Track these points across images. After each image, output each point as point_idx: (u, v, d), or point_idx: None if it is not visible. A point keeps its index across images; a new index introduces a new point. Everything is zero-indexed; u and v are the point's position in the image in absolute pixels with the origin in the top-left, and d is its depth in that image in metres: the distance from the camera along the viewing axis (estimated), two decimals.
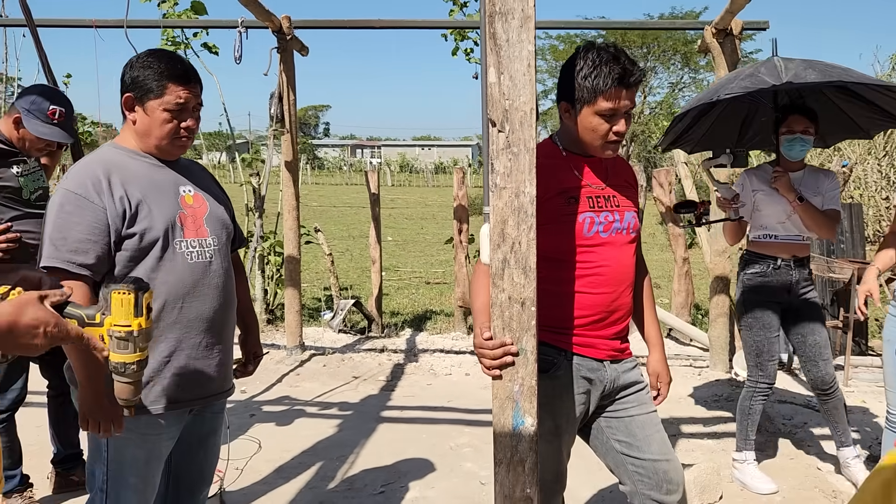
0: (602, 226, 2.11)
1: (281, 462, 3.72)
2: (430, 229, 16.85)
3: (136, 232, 1.99)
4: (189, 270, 2.06)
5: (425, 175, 46.23)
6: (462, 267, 6.50)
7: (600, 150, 2.08)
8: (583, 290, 2.10)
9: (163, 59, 2.05)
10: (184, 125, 2.07)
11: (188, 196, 2.12)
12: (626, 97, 2.01)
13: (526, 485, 1.83)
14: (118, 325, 1.50)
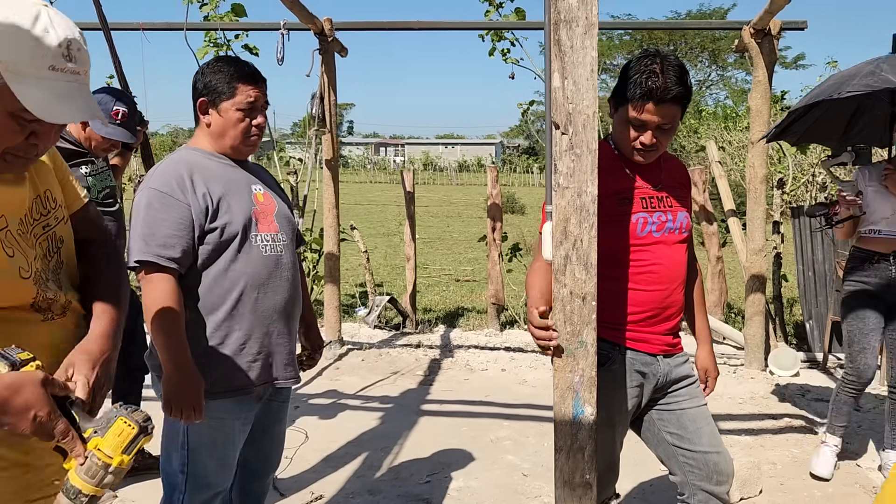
0: (655, 226, 2.19)
1: (328, 452, 3.84)
2: (457, 227, 16.95)
3: (218, 226, 2.11)
4: (264, 263, 2.18)
5: (449, 173, 46.32)
6: (495, 265, 6.58)
7: (630, 154, 2.16)
8: (636, 287, 2.18)
9: (231, 63, 2.20)
10: (255, 123, 2.20)
11: (259, 194, 2.24)
12: (657, 112, 2.04)
13: (585, 471, 1.92)
14: (101, 452, 1.30)
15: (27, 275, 1.37)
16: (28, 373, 1.24)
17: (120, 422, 1.31)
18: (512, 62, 6.09)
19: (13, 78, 1.22)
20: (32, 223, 1.44)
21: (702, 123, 20.90)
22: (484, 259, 6.80)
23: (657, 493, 3.38)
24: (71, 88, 1.28)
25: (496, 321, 6.65)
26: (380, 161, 58.61)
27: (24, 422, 1.22)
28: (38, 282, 1.40)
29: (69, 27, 1.29)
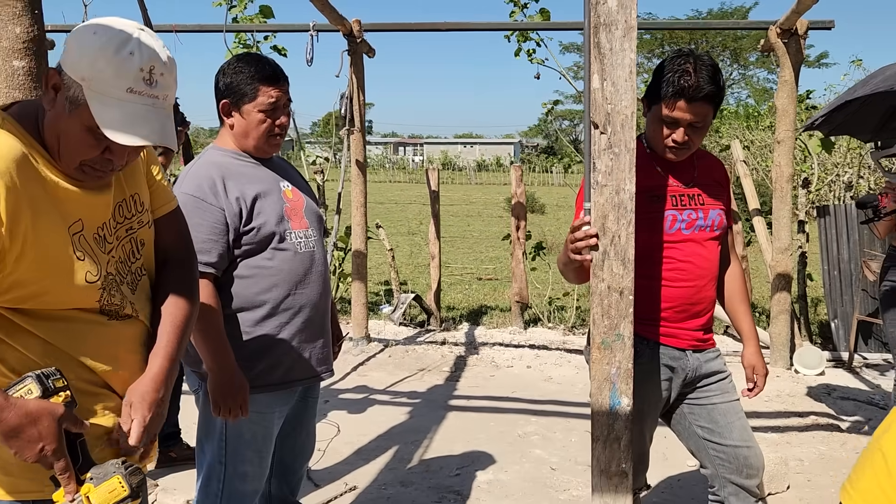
0: (684, 223, 2.23)
1: (359, 445, 3.92)
2: (477, 226, 17.00)
3: (254, 227, 2.16)
4: (299, 260, 2.23)
5: (468, 173, 46.37)
6: (519, 263, 6.64)
7: (663, 152, 2.21)
8: (667, 283, 2.23)
9: (252, 63, 2.20)
10: (277, 123, 2.22)
11: (287, 191, 2.28)
12: (689, 110, 2.09)
13: (621, 460, 1.98)
14: (89, 501, 1.34)
15: (94, 279, 1.42)
16: (49, 405, 1.29)
17: (115, 480, 1.35)
18: (537, 62, 6.14)
19: (93, 95, 1.30)
20: (115, 227, 1.49)
21: (723, 123, 20.79)
22: (505, 258, 6.87)
23: (685, 487, 3.42)
24: (146, 112, 1.34)
25: (520, 319, 6.70)
26: (399, 160, 58.77)
27: (31, 451, 1.28)
28: (106, 286, 1.45)
29: (156, 53, 1.34)
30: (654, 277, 2.23)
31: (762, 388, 2.40)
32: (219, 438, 2.22)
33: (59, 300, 1.37)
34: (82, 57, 1.31)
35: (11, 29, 2.06)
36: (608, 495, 1.99)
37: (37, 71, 2.12)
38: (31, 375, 1.31)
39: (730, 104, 28.75)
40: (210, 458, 2.24)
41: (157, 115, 1.36)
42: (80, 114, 1.32)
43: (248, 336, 2.18)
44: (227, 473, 2.22)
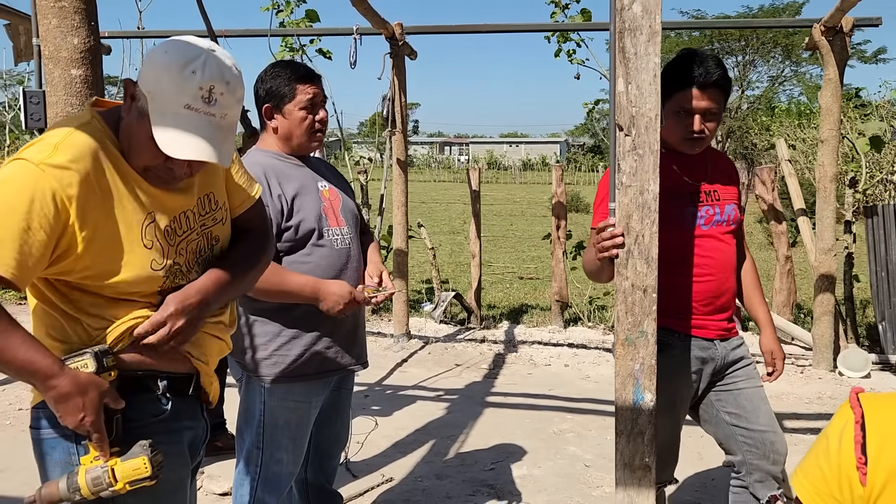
0: (703, 219, 2.32)
1: (397, 438, 4.02)
2: (520, 225, 17.01)
3: (293, 224, 2.28)
4: (336, 255, 2.35)
5: (513, 172, 46.28)
6: (559, 262, 6.67)
7: (682, 146, 2.28)
8: (692, 278, 2.30)
9: (287, 67, 2.37)
10: (318, 118, 2.36)
11: (325, 190, 2.40)
12: (703, 97, 2.19)
13: (644, 454, 2.02)
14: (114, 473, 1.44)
15: (158, 268, 1.51)
16: (97, 380, 1.42)
17: (141, 460, 1.45)
18: (578, 63, 6.17)
19: (154, 108, 1.41)
20: (188, 222, 1.59)
21: (774, 121, 20.37)
22: (547, 257, 6.89)
23: (718, 486, 3.43)
24: (202, 129, 1.42)
25: (560, 318, 6.73)
26: (444, 160, 58.96)
27: (73, 419, 1.40)
28: (170, 275, 1.54)
29: (220, 73, 1.42)
30: (679, 273, 2.29)
31: (781, 371, 2.48)
32: (257, 425, 2.34)
33: (124, 282, 1.47)
34: (151, 72, 1.42)
35: (70, 40, 2.21)
36: (631, 489, 2.04)
37: (92, 79, 2.27)
38: (89, 351, 1.44)
39: (781, 102, 28.11)
40: (248, 443, 2.37)
41: (213, 132, 1.44)
42: (145, 124, 1.43)
43: (285, 328, 2.30)
44: (263, 458, 2.34)
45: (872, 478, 1.07)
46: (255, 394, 2.35)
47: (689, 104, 2.20)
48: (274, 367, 2.30)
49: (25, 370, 1.37)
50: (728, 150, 29.01)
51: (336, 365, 2.40)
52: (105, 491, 1.43)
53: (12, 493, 3.34)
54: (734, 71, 30.22)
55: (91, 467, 1.44)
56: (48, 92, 2.28)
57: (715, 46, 28.99)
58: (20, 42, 5.41)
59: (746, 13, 28.09)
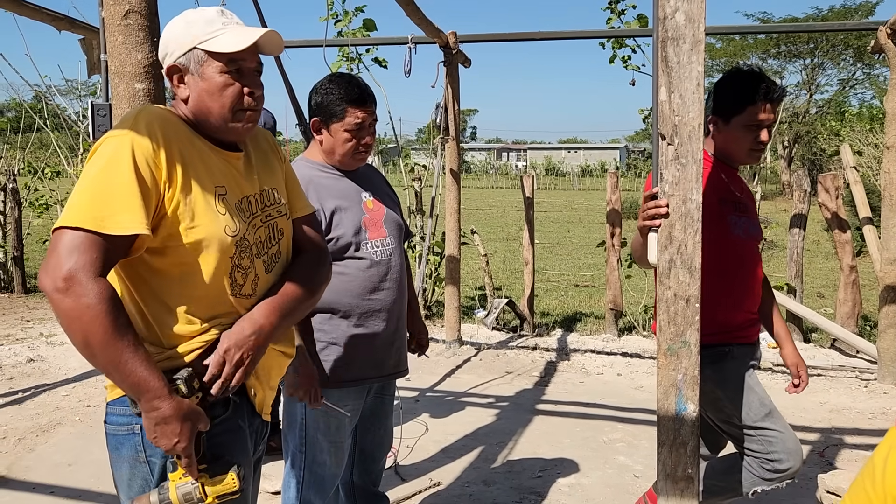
0: (742, 229, 2.44)
1: (446, 443, 4.06)
2: (577, 233, 16.86)
3: (332, 237, 2.34)
4: (377, 267, 2.39)
5: (571, 178, 45.89)
6: (613, 270, 6.60)
7: (748, 157, 2.42)
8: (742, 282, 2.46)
9: (342, 85, 2.35)
10: (363, 142, 2.38)
11: (369, 202, 2.45)
12: (772, 110, 2.35)
13: (687, 465, 2.01)
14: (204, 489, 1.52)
15: (232, 233, 1.56)
16: (198, 410, 1.49)
17: (230, 476, 1.53)
18: (633, 69, 6.11)
19: (206, 43, 1.59)
20: (255, 208, 1.67)
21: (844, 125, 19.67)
22: (604, 265, 6.83)
23: None
24: (245, 28, 1.63)
25: (614, 326, 6.66)
26: (501, 166, 58.89)
27: (167, 441, 1.45)
28: (240, 246, 1.58)
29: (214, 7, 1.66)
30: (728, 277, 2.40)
31: (807, 382, 2.57)
32: (299, 428, 2.42)
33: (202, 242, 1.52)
34: (179, 36, 1.62)
35: (134, 55, 2.34)
36: (673, 499, 2.02)
37: (155, 92, 2.38)
38: (182, 377, 1.50)
39: (852, 106, 27.11)
40: (293, 446, 2.44)
41: (251, 28, 1.64)
42: (209, 67, 1.60)
43: (323, 335, 2.37)
44: (307, 461, 2.42)
45: None
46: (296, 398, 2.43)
47: (761, 117, 2.35)
48: None
49: (137, 386, 1.43)
50: (795, 156, 28.15)
51: (373, 373, 2.45)
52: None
53: (81, 485, 3.52)
54: (801, 74, 29.33)
55: (181, 483, 1.51)
56: (114, 104, 2.40)
57: (782, 49, 28.20)
58: (93, 56, 5.68)
59: (815, 14, 27.24)
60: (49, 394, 4.78)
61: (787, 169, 27.62)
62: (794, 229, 6.23)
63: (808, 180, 6.37)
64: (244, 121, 1.64)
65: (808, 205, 6.26)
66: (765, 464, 2.35)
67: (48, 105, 8.90)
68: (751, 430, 2.37)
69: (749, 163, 2.44)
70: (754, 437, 2.37)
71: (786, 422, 2.41)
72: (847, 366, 5.59)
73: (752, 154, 2.41)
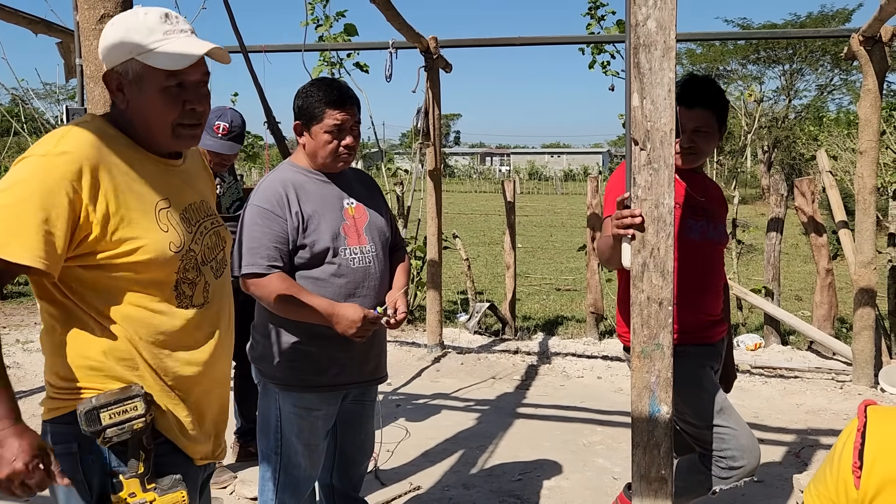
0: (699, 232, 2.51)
1: (426, 447, 4.06)
2: (559, 237, 16.94)
3: (307, 243, 2.33)
4: (353, 274, 2.38)
5: (554, 182, 46.08)
6: (594, 274, 6.64)
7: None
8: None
9: (321, 88, 2.36)
10: (343, 143, 2.37)
11: (350, 208, 2.44)
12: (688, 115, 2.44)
13: (661, 466, 2.03)
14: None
15: (176, 249, 1.55)
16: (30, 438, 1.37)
17: (180, 493, 1.51)
18: (612, 74, 6.16)
19: (146, 57, 1.51)
20: (199, 215, 1.67)
21: (822, 130, 19.92)
22: (585, 268, 6.88)
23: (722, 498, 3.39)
24: (189, 39, 1.55)
25: (595, 330, 6.70)
26: (485, 171, 59.03)
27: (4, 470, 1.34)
28: (185, 258, 1.57)
29: (160, 8, 1.57)
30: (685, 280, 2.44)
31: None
32: (273, 430, 2.42)
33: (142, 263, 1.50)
34: (117, 43, 1.54)
35: None
36: (648, 500, 2.04)
37: None
38: (139, 395, 1.48)
39: (830, 111, 27.46)
40: (267, 448, 2.45)
41: (199, 40, 1.57)
42: (147, 81, 1.54)
43: (298, 340, 2.36)
44: (282, 463, 2.42)
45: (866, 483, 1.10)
46: (270, 400, 2.43)
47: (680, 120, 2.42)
48: (288, 376, 2.37)
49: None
50: (774, 160, 28.48)
51: (349, 379, 2.44)
52: None
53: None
54: (780, 80, 29.67)
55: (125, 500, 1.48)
56: (89, 109, 2.39)
57: (761, 55, 28.52)
58: (71, 59, 5.64)
59: (793, 21, 27.58)
60: (25, 401, 4.73)
61: (766, 173, 27.93)
62: (771, 233, 6.30)
63: (785, 185, 6.46)
64: (186, 138, 1.60)
65: (784, 209, 6.34)
66: (719, 461, 2.39)
67: (25, 109, 8.82)
68: (704, 427, 2.41)
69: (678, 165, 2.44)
70: (707, 435, 2.40)
71: (741, 419, 2.44)
72: (823, 367, 5.66)
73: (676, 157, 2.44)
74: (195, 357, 1.62)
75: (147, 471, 1.50)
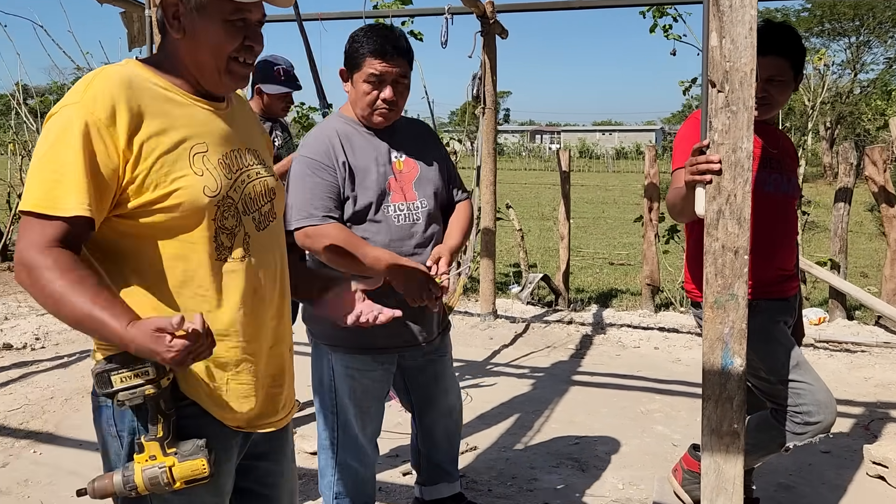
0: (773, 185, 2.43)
1: (482, 411, 4.05)
2: (612, 213, 16.69)
3: (351, 196, 2.30)
4: (397, 231, 2.33)
5: (605, 160, 45.38)
6: (651, 245, 6.52)
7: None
8: None
9: (368, 35, 2.26)
10: (382, 96, 2.27)
11: (399, 162, 2.37)
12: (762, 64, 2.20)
13: (733, 420, 1.97)
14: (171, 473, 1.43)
15: (212, 194, 1.47)
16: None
17: (200, 461, 1.43)
18: (674, 38, 5.98)
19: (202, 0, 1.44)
20: (241, 163, 1.58)
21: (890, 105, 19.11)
22: (639, 243, 6.75)
23: (815, 470, 3.29)
24: None
25: (650, 302, 6.59)
26: (535, 148, 58.46)
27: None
28: (221, 205, 1.49)
29: None
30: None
31: None
32: (328, 391, 2.42)
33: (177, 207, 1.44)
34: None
35: None
36: (718, 455, 1.99)
37: None
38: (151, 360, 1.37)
39: None
40: (323, 407, 2.45)
41: None
42: (211, 11, 1.46)
43: None
44: (339, 422, 2.43)
45: None
46: (323, 359, 2.42)
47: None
48: (336, 336, 2.34)
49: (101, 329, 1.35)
50: (838, 136, 27.43)
51: (397, 341, 2.39)
52: (161, 490, 1.44)
53: None
54: (846, 53, 28.53)
55: (147, 466, 1.43)
56: None
57: (826, 27, 27.44)
58: (134, 29, 5.73)
59: None
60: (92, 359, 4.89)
61: (829, 151, 26.95)
62: (839, 203, 6.07)
63: (855, 153, 6.20)
64: (237, 76, 1.54)
65: (853, 178, 6.09)
66: (794, 416, 2.31)
67: None
68: (780, 383, 2.33)
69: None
70: (782, 390, 2.32)
71: (816, 374, 2.36)
72: (892, 342, 5.45)
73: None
74: (231, 316, 1.53)
75: (167, 435, 1.44)
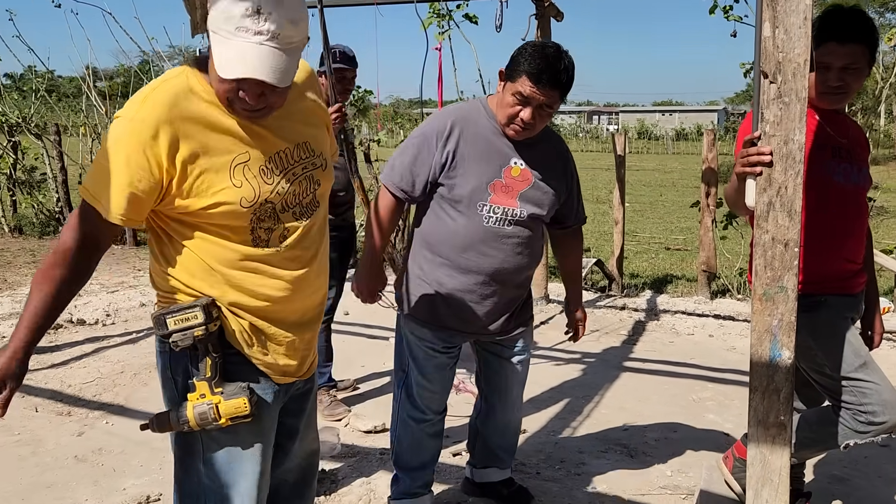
0: (842, 175, 2.34)
1: (532, 394, 4.08)
2: (670, 196, 16.40)
3: (446, 184, 2.38)
4: (481, 230, 2.40)
5: (665, 142, 44.41)
6: (708, 231, 6.41)
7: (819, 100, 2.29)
8: None
9: (535, 53, 2.28)
10: (522, 115, 2.31)
11: (516, 168, 2.40)
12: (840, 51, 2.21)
13: (780, 412, 1.97)
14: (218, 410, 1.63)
15: (248, 205, 1.61)
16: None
17: (242, 400, 1.64)
18: (735, 19, 5.83)
19: (213, 38, 1.50)
20: (286, 162, 1.68)
21: None
22: (697, 228, 6.64)
23: (871, 463, 3.24)
24: (258, 50, 1.45)
25: (706, 289, 6.49)
26: (592, 129, 57.60)
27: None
28: (258, 211, 1.63)
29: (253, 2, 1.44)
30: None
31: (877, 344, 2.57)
32: (402, 349, 2.61)
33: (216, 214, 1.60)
34: (211, 10, 1.50)
35: None
36: (765, 446, 1.99)
37: None
38: (199, 305, 1.62)
39: None
40: (397, 364, 2.64)
41: (265, 52, 1.46)
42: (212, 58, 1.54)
43: (421, 268, 2.50)
44: (407, 381, 2.61)
45: None
46: (400, 321, 2.61)
47: (826, 59, 2.22)
48: (406, 303, 2.55)
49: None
50: None
51: (455, 325, 2.52)
52: (209, 425, 1.65)
53: None
54: None
55: (197, 403, 1.64)
56: None
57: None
58: (196, 16, 5.89)
59: None
60: None
61: None
62: None
63: None
64: (241, 114, 1.60)
65: None
66: (858, 416, 2.28)
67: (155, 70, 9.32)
68: (844, 380, 2.30)
69: (823, 106, 2.30)
70: (848, 389, 2.29)
71: (883, 374, 2.32)
72: None
73: (823, 97, 2.28)
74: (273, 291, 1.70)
75: (214, 375, 1.64)
